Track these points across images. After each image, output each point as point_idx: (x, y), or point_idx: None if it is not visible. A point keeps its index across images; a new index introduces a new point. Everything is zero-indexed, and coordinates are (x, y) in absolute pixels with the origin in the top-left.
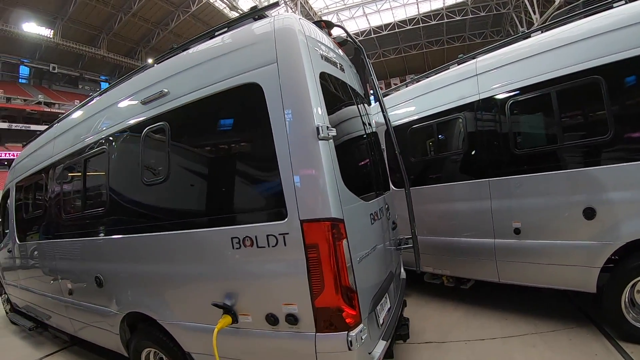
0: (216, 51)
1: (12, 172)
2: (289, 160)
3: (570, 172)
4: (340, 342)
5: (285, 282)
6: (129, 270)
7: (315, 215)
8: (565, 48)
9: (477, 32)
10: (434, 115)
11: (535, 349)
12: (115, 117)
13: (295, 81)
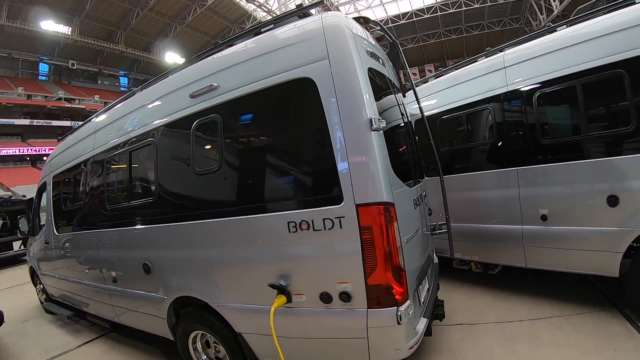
0: (267, 47)
1: (48, 166)
2: (345, 149)
3: (594, 162)
4: (390, 317)
5: (340, 262)
6: (179, 257)
7: (370, 199)
8: (589, 42)
9: (495, 20)
10: (463, 106)
11: (561, 331)
12: (162, 110)
13: (348, 77)
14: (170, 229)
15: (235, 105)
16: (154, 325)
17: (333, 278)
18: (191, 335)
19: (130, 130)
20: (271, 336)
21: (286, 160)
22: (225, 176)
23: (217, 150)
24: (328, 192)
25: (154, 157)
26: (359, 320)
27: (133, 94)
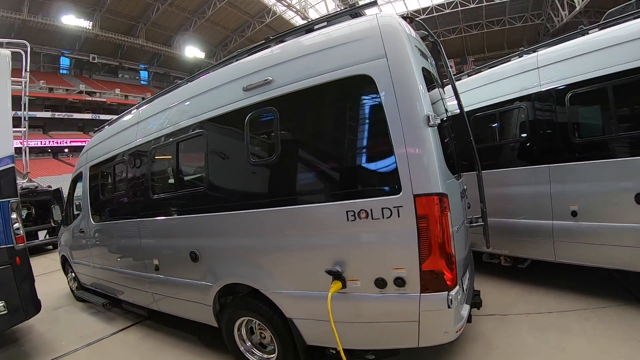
0: (323, 44)
1: (85, 156)
2: (404, 144)
3: (624, 161)
4: (442, 301)
5: (396, 249)
6: (230, 245)
7: (426, 190)
8: (621, 46)
9: (517, 16)
10: (497, 104)
11: (589, 322)
12: (212, 102)
13: (406, 76)
14: (222, 218)
15: (293, 99)
16: (198, 312)
17: (389, 264)
18: (237, 322)
19: (178, 122)
20: (321, 321)
21: (345, 153)
22: (282, 167)
23: (274, 142)
24: (387, 183)
25: (204, 148)
26: (411, 304)
27: (178, 86)
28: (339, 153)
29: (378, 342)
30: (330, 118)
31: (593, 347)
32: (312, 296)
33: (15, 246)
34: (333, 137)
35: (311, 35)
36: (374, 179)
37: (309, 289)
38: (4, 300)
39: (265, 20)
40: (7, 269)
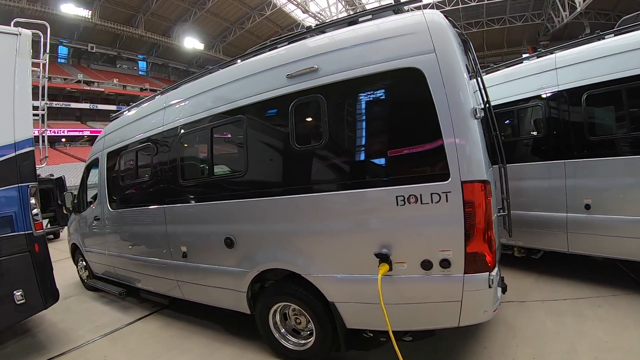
0: (371, 36)
1: (101, 142)
2: (453, 134)
3: (636, 158)
4: (483, 281)
5: (443, 232)
6: (271, 230)
7: (473, 177)
8: (634, 52)
9: (517, 15)
10: (515, 102)
11: (601, 309)
12: (252, 88)
13: (454, 70)
14: (263, 203)
15: (341, 87)
16: (229, 299)
17: (435, 246)
18: (273, 308)
19: (212, 107)
20: (364, 303)
21: (394, 140)
22: (330, 153)
23: (321, 128)
24: (436, 170)
25: (243, 133)
26: (455, 284)
27: (208, 72)
28: (389, 140)
29: (419, 322)
30: (380, 107)
31: (608, 331)
32: (357, 279)
33: (34, 232)
34: (382, 125)
35: (358, 26)
36: (424, 166)
37: (354, 273)
38: (22, 289)
39: (265, 13)
40: (26, 256)
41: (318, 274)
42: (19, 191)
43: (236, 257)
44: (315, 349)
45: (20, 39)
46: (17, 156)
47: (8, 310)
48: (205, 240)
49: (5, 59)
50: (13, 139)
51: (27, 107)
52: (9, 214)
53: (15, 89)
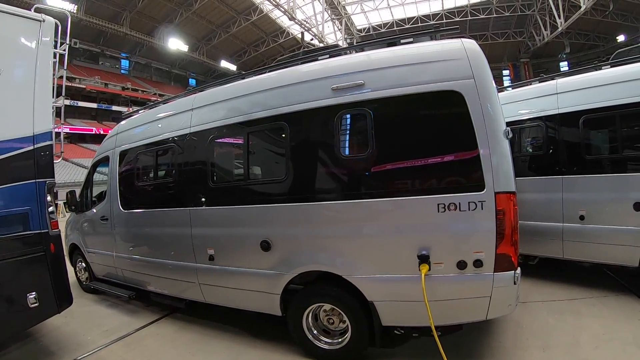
0: (415, 59)
1: (113, 140)
2: (489, 151)
3: (626, 175)
4: (510, 279)
5: (477, 236)
6: (312, 234)
7: (505, 189)
8: (627, 83)
9: (499, 32)
10: (518, 121)
11: (594, 307)
12: (294, 97)
13: (490, 96)
14: (306, 208)
15: (387, 103)
16: (259, 301)
17: (470, 248)
18: (307, 309)
19: (249, 112)
20: (401, 302)
21: (436, 154)
22: (375, 163)
23: (367, 139)
24: (473, 181)
25: (285, 140)
26: (486, 282)
27: (241, 77)
28: (430, 154)
29: (452, 317)
30: (423, 123)
31: (604, 325)
32: (397, 279)
33: (50, 232)
34: (425, 139)
35: (403, 48)
36: (463, 178)
37: (394, 273)
38: (36, 291)
39: (251, 18)
40: (41, 257)
41: (359, 275)
42: (36, 187)
43: (272, 260)
44: (350, 347)
45: (44, 26)
46: (36, 149)
47: (21, 314)
48: (237, 243)
49: (27, 46)
50: (32, 132)
51: (47, 99)
52: (24, 210)
53: (37, 79)
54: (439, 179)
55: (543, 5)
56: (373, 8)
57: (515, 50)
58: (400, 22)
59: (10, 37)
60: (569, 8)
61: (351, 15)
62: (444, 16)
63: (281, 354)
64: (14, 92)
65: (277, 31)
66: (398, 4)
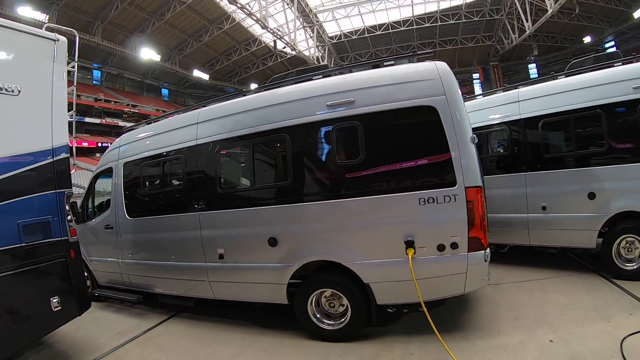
0: (398, 79)
1: (115, 152)
2: (459, 154)
3: (581, 170)
4: (481, 257)
5: (452, 223)
6: (314, 229)
7: (473, 183)
8: (581, 90)
9: (469, 37)
10: (486, 126)
11: (560, 284)
12: (294, 112)
13: (459, 110)
14: (308, 207)
15: (375, 116)
16: (267, 292)
17: (447, 233)
18: (311, 296)
19: (254, 125)
20: (393, 282)
21: (416, 158)
22: (367, 166)
23: (359, 147)
24: (447, 179)
25: (287, 149)
26: (462, 261)
27: (243, 94)
28: (413, 157)
29: (435, 293)
30: (405, 132)
31: (567, 297)
32: (388, 263)
33: (69, 239)
34: (407, 145)
35: (386, 70)
36: (438, 176)
37: (385, 258)
38: (59, 295)
39: (223, 27)
40: (63, 263)
41: (356, 261)
42: (56, 197)
43: (279, 254)
44: (350, 326)
45: (58, 45)
46: (55, 162)
47: (46, 317)
48: (246, 241)
49: (44, 64)
50: (51, 145)
51: (64, 114)
52: (46, 219)
53: (53, 95)
54: (419, 178)
55: (511, 9)
56: (344, 15)
57: (485, 54)
58: (371, 29)
59: (29, 57)
60: (536, 12)
61: (323, 23)
62: (414, 22)
63: (290, 339)
64: (34, 108)
65: (249, 39)
66: (369, 11)
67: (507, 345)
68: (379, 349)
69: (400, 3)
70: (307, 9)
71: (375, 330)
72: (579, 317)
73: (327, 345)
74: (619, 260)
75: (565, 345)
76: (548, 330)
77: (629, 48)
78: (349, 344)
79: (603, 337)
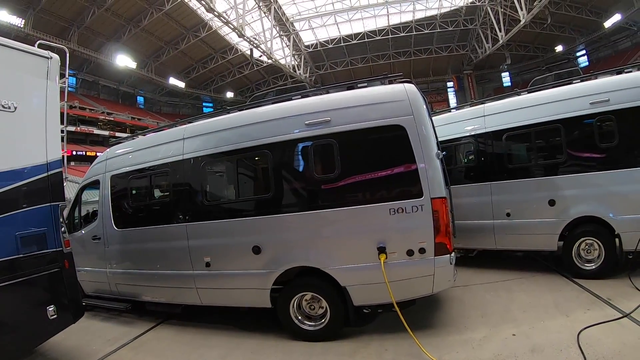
0: (370, 100)
1: (102, 165)
2: (425, 168)
3: (541, 179)
4: (447, 260)
5: (420, 230)
6: (295, 238)
7: (438, 195)
8: (541, 105)
9: (443, 46)
10: (455, 139)
11: (524, 285)
12: (276, 130)
13: (425, 128)
14: (289, 217)
15: (349, 135)
16: (252, 297)
17: (415, 240)
18: (293, 299)
19: (238, 142)
20: (368, 284)
21: (387, 172)
22: (342, 180)
23: (335, 163)
24: (414, 191)
25: (269, 164)
26: (429, 264)
27: (227, 112)
28: (384, 172)
29: (406, 294)
30: (377, 149)
31: (531, 296)
32: (362, 267)
33: (63, 250)
34: (379, 160)
35: (360, 91)
36: (407, 188)
37: (360, 263)
38: (54, 304)
39: (200, 35)
40: (57, 273)
41: (334, 266)
42: (51, 210)
43: (262, 261)
44: (330, 326)
45: (51, 63)
46: (50, 175)
47: (43, 325)
48: (231, 250)
49: (38, 81)
50: (46, 159)
51: (57, 130)
52: (42, 231)
53: (47, 111)
54: (390, 190)
55: (485, 19)
56: (321, 24)
57: (459, 63)
58: (347, 38)
59: (24, 74)
60: (509, 22)
61: (299, 32)
62: (390, 32)
63: (274, 340)
64: (30, 124)
65: (226, 48)
66: (345, 21)
67: (474, 339)
68: (357, 346)
69: (376, 13)
70: (284, 18)
71: (353, 330)
72: (541, 313)
73: (309, 344)
74: (579, 261)
75: (526, 338)
76: (511, 326)
77: (599, 57)
78: (329, 343)
79: (562, 330)
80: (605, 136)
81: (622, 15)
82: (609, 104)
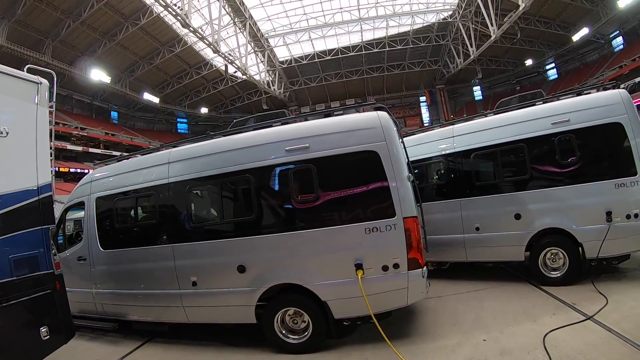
0: (346, 127)
1: (87, 187)
2: (397, 190)
3: (508, 195)
4: (419, 274)
5: (393, 247)
6: (277, 257)
7: (409, 214)
8: (507, 126)
9: (416, 61)
10: (427, 158)
11: (494, 293)
12: (258, 155)
13: (396, 153)
14: (272, 238)
15: (326, 160)
16: (237, 314)
17: (390, 256)
18: (277, 314)
19: (222, 167)
20: (347, 299)
21: (361, 194)
22: (321, 202)
23: (313, 187)
24: (388, 211)
25: (251, 187)
26: (403, 278)
27: (211, 138)
28: (358, 195)
29: (383, 306)
30: (352, 173)
31: (501, 303)
32: (341, 283)
33: (55, 272)
34: (354, 183)
35: (337, 119)
36: (380, 209)
37: (339, 279)
38: (47, 325)
39: (175, 50)
40: (49, 294)
41: (315, 282)
42: (42, 233)
43: (247, 279)
44: (312, 339)
45: (41, 88)
46: (41, 199)
47: (37, 346)
48: (217, 269)
49: (29, 106)
50: (36, 184)
51: (47, 154)
52: (34, 254)
53: (37, 136)
54: (365, 211)
55: (456, 35)
56: (295, 40)
57: (431, 78)
58: (321, 54)
59: (15, 99)
60: (480, 37)
61: (274, 48)
62: (363, 47)
63: (260, 354)
64: (21, 149)
65: (201, 63)
66: (319, 37)
67: (447, 346)
68: (339, 356)
69: (349, 29)
70: (259, 34)
71: (335, 341)
72: (509, 320)
73: (293, 357)
74: (545, 269)
75: (496, 342)
76: (482, 332)
77: (568, 69)
78: (313, 355)
79: (529, 334)
80: (566, 153)
81: (589, 29)
82: (569, 124)
